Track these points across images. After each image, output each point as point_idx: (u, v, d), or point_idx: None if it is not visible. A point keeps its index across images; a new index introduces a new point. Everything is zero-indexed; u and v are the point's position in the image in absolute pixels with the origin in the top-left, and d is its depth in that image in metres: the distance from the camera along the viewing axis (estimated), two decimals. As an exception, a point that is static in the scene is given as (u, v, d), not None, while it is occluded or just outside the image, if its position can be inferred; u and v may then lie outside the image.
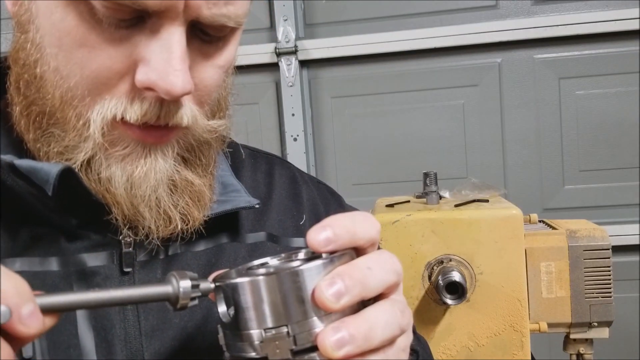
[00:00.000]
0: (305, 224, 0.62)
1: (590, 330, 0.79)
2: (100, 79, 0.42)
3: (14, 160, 0.43)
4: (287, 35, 1.78)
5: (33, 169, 0.43)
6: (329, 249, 0.36)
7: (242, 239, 0.55)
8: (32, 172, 0.43)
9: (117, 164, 0.45)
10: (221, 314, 0.36)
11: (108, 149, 0.44)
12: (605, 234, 0.79)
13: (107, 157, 0.44)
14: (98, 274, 0.47)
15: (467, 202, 0.81)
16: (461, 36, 1.73)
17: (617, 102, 1.73)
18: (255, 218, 0.57)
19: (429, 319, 0.78)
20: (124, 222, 0.46)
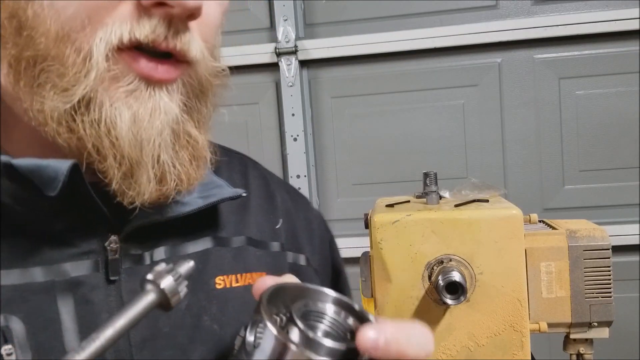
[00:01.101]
0: (281, 228, 0.60)
1: (590, 330, 0.79)
2: (100, 2, 0.39)
3: (11, 161, 0.39)
4: (287, 35, 1.78)
5: (37, 168, 0.40)
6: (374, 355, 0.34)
7: (227, 243, 0.53)
8: (36, 171, 0.40)
9: (120, 100, 0.40)
10: (247, 337, 0.35)
11: (110, 85, 0.40)
12: (605, 234, 0.78)
13: (110, 95, 0.40)
14: (84, 285, 0.44)
15: (467, 202, 0.81)
16: (461, 36, 1.73)
17: (617, 102, 1.73)
18: (236, 220, 0.55)
19: (429, 319, 0.78)
20: (118, 179, 0.42)
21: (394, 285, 0.77)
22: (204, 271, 0.51)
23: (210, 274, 0.51)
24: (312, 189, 1.85)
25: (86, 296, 0.44)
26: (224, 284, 0.51)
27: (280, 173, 1.86)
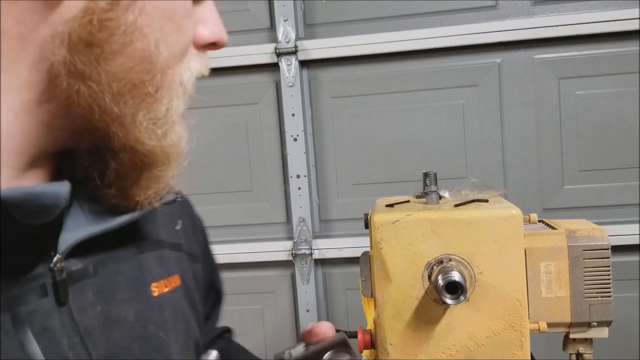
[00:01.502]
0: (180, 229, 0.61)
1: (590, 330, 0.79)
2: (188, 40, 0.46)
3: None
4: (287, 36, 1.78)
5: (28, 197, 0.38)
6: None
7: (149, 248, 0.53)
8: (26, 202, 0.37)
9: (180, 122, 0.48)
10: None
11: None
12: (604, 234, 0.78)
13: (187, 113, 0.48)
14: (37, 313, 0.41)
15: (467, 202, 0.81)
16: (461, 36, 1.73)
17: (617, 102, 1.73)
18: (149, 224, 0.55)
19: (429, 318, 0.78)
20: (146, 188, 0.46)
21: (394, 285, 0.77)
22: (142, 279, 0.51)
23: (147, 281, 0.51)
24: (312, 189, 1.85)
25: (42, 325, 0.42)
26: (158, 291, 0.52)
27: (280, 173, 1.87)
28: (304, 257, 1.85)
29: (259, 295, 1.93)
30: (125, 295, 0.48)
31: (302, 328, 1.87)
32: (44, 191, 0.38)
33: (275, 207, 1.90)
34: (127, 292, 0.48)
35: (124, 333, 0.46)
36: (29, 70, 0.39)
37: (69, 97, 0.40)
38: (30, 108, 0.40)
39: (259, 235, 1.90)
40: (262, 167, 1.86)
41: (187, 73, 0.46)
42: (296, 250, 1.85)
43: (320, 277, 1.90)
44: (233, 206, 1.90)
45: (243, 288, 1.92)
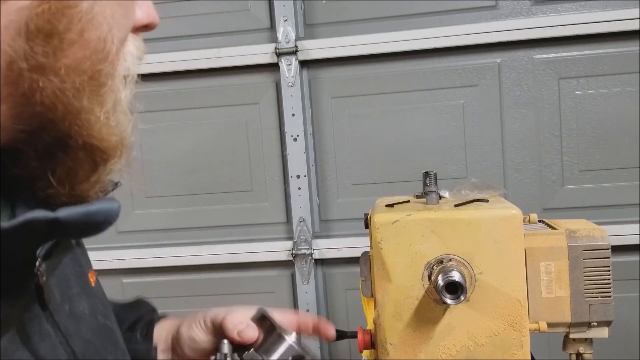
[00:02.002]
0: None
1: (590, 330, 0.79)
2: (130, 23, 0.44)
3: (57, 215, 0.36)
4: (287, 36, 1.78)
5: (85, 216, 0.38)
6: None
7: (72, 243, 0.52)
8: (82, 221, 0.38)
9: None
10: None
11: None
12: (604, 234, 0.79)
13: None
14: (33, 320, 0.41)
15: (467, 202, 0.81)
16: (461, 36, 1.73)
17: (617, 102, 1.73)
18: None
19: (429, 318, 0.78)
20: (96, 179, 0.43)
21: (394, 285, 0.77)
22: (81, 272, 0.51)
23: (85, 273, 0.52)
24: (312, 189, 1.85)
25: (40, 330, 0.42)
26: (92, 281, 0.53)
27: (280, 173, 1.87)
28: (304, 257, 1.85)
29: (259, 295, 1.93)
30: (76, 289, 0.48)
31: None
32: (99, 210, 0.39)
33: (275, 207, 1.90)
34: (77, 286, 0.48)
35: (86, 326, 0.47)
36: None
37: (28, 96, 0.38)
38: None
39: (259, 235, 1.90)
40: (262, 167, 1.86)
41: (130, 58, 0.45)
42: (296, 250, 1.85)
43: (320, 277, 1.90)
44: (233, 206, 1.90)
45: (243, 288, 1.92)
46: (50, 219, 0.36)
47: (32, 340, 0.40)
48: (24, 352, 0.39)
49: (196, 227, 1.91)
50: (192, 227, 1.91)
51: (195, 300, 1.93)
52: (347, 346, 1.87)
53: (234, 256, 1.88)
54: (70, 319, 0.45)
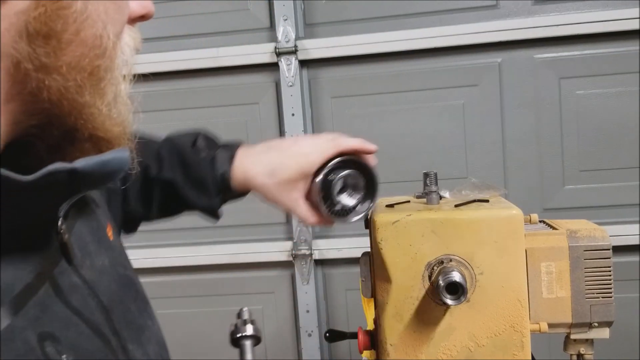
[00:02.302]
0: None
1: (591, 331, 0.79)
2: (124, 18, 0.45)
3: (75, 165, 0.39)
4: (287, 35, 1.78)
5: (101, 164, 0.41)
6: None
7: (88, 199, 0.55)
8: (97, 170, 0.41)
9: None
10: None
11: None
12: (605, 234, 0.78)
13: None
14: (63, 274, 0.44)
15: (467, 202, 0.81)
16: (461, 36, 1.73)
17: (617, 102, 1.73)
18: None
19: (429, 319, 0.77)
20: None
21: (394, 285, 0.77)
22: (99, 226, 0.54)
23: (103, 228, 0.55)
24: (312, 189, 1.85)
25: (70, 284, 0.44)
26: (111, 234, 0.56)
27: (280, 173, 1.86)
28: (304, 257, 1.85)
29: (259, 296, 1.93)
30: (94, 246, 0.50)
31: (302, 328, 1.87)
32: (112, 158, 0.42)
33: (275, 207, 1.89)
34: (95, 242, 0.51)
35: (109, 278, 0.50)
36: None
37: (36, 94, 0.40)
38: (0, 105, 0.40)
39: (259, 235, 1.90)
40: (262, 167, 1.85)
41: (127, 50, 0.46)
42: (296, 250, 1.85)
43: (320, 278, 1.90)
44: (233, 206, 1.90)
45: (243, 288, 1.92)
46: (69, 169, 0.39)
47: (64, 293, 0.43)
48: (58, 304, 0.42)
49: (196, 227, 1.91)
50: (192, 227, 1.90)
51: (195, 300, 1.93)
52: (347, 346, 1.87)
53: (234, 256, 1.88)
54: (94, 272, 0.48)
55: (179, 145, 0.79)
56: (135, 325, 0.52)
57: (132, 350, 0.49)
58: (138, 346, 0.51)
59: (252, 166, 0.78)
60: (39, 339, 0.39)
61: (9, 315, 0.37)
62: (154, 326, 0.56)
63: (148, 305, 0.57)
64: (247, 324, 0.64)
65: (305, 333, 1.87)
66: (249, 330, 0.57)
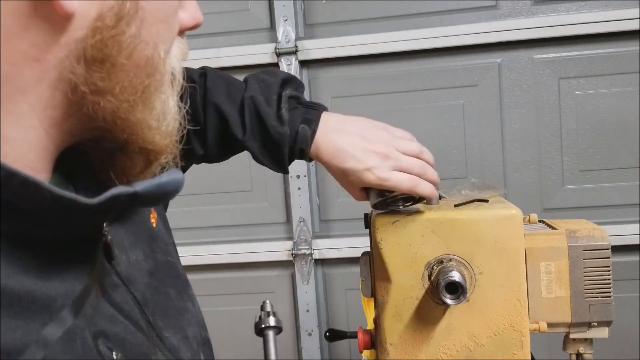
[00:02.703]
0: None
1: (590, 330, 0.79)
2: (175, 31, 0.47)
3: (136, 189, 0.41)
4: (287, 36, 1.78)
5: (157, 187, 0.43)
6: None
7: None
8: (154, 192, 0.43)
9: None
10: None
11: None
12: (605, 234, 0.79)
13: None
14: (106, 273, 0.46)
15: (467, 202, 0.81)
16: (461, 36, 1.73)
17: (617, 102, 1.73)
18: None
19: (429, 319, 0.78)
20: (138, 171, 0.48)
21: (394, 285, 0.77)
22: (141, 218, 0.55)
23: (146, 216, 0.56)
24: (312, 188, 1.85)
25: (112, 283, 0.47)
26: (154, 221, 0.57)
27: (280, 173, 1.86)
28: (304, 257, 1.85)
29: (259, 295, 1.92)
30: (130, 239, 0.52)
31: (302, 328, 1.87)
32: (168, 181, 0.44)
33: (275, 207, 1.90)
34: (131, 236, 0.52)
35: (141, 272, 0.51)
36: (51, 90, 0.40)
37: (91, 115, 0.42)
38: (57, 124, 0.42)
39: (259, 235, 1.90)
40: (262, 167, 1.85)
41: (175, 63, 0.48)
42: (296, 250, 1.85)
43: (320, 277, 1.90)
44: (233, 206, 1.90)
45: (243, 288, 1.92)
46: (131, 193, 0.41)
47: (108, 292, 0.45)
48: (104, 303, 0.45)
49: (196, 227, 1.91)
50: (192, 227, 1.91)
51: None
52: (347, 346, 1.88)
53: (234, 256, 1.88)
54: (128, 268, 0.49)
55: (264, 112, 0.78)
56: (175, 310, 0.55)
57: (168, 338, 0.51)
58: (176, 331, 0.53)
59: (326, 149, 0.79)
60: (93, 338, 0.41)
61: (71, 317, 0.40)
62: (194, 307, 0.59)
63: (189, 287, 0.60)
64: (270, 316, 0.69)
65: (305, 333, 1.87)
66: (272, 321, 0.64)
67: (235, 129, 0.78)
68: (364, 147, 0.76)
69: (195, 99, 0.77)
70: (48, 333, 0.37)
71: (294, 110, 0.78)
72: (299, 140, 0.78)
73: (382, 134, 0.77)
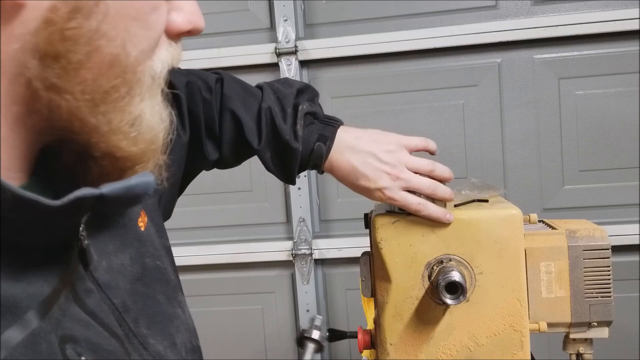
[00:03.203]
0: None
1: (590, 330, 0.79)
2: (158, 33, 0.44)
3: (102, 191, 0.40)
4: (287, 36, 1.78)
5: (126, 190, 0.41)
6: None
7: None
8: (124, 195, 0.41)
9: (163, 108, 0.46)
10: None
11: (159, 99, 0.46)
12: (605, 234, 0.79)
13: (159, 107, 0.46)
14: (80, 279, 0.45)
15: (467, 202, 0.81)
16: (461, 36, 1.73)
17: (617, 102, 1.73)
18: None
19: (429, 319, 0.78)
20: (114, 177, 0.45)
21: (394, 285, 0.77)
22: (128, 222, 0.53)
23: (134, 220, 0.55)
24: (312, 189, 1.85)
25: (85, 288, 0.45)
26: (143, 225, 0.56)
27: (280, 173, 1.87)
28: (304, 257, 1.85)
29: (259, 295, 1.93)
30: (115, 244, 0.50)
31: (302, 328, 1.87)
32: (137, 183, 0.42)
33: (275, 207, 1.90)
34: (116, 241, 0.51)
35: (126, 279, 0.50)
36: (10, 84, 0.39)
37: (49, 113, 0.40)
38: (21, 120, 0.40)
39: (259, 235, 1.90)
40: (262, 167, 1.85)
41: (158, 65, 0.45)
42: (296, 250, 1.85)
43: (320, 277, 1.90)
44: (233, 206, 1.90)
45: (243, 288, 1.92)
46: (97, 195, 0.39)
47: (80, 297, 0.44)
48: (75, 307, 0.44)
49: (196, 227, 1.91)
50: (192, 227, 1.91)
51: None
52: (347, 346, 1.88)
53: (234, 256, 1.88)
54: (108, 274, 0.48)
55: (279, 125, 0.78)
56: (164, 316, 0.53)
57: (154, 345, 0.50)
58: (163, 338, 0.52)
59: (340, 167, 0.80)
60: (60, 342, 0.40)
61: (37, 319, 0.39)
62: (184, 314, 0.57)
63: (179, 293, 0.58)
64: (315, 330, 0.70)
65: (305, 333, 1.87)
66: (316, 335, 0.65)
67: (251, 137, 0.78)
68: (376, 167, 0.77)
69: (212, 105, 0.77)
70: (10, 335, 0.37)
71: (310, 126, 0.80)
72: (313, 156, 0.79)
73: (394, 150, 0.80)
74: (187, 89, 0.75)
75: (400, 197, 0.76)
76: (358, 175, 0.78)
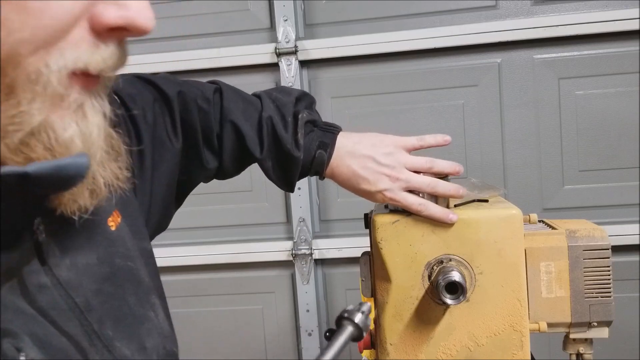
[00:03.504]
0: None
1: (590, 330, 0.79)
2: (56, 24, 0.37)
3: (26, 169, 0.36)
4: (287, 36, 1.78)
5: (57, 169, 0.38)
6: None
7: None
8: (54, 174, 0.38)
9: (71, 118, 0.40)
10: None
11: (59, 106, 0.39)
12: (605, 234, 0.79)
13: (62, 115, 0.39)
14: (32, 273, 0.43)
15: (467, 202, 0.81)
16: (461, 36, 1.73)
17: (617, 102, 1.73)
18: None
19: (429, 319, 0.78)
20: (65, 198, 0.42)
21: (394, 285, 0.77)
22: (97, 221, 0.51)
23: (103, 220, 0.52)
24: (312, 189, 1.85)
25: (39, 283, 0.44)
26: (114, 224, 0.54)
27: (280, 173, 1.87)
28: (304, 257, 1.85)
29: (259, 295, 1.93)
30: (83, 240, 0.49)
31: (302, 328, 1.87)
32: (70, 163, 0.38)
33: (275, 207, 1.90)
34: (81, 239, 0.49)
35: (92, 278, 0.48)
36: None
37: None
38: None
39: (259, 235, 1.90)
40: (262, 167, 1.86)
41: (55, 64, 0.37)
42: (296, 250, 1.85)
43: (320, 277, 1.90)
44: (233, 206, 1.91)
45: (243, 288, 1.92)
46: (20, 173, 0.36)
47: (30, 292, 0.43)
48: (22, 302, 0.42)
49: (196, 227, 1.91)
50: (192, 227, 1.91)
51: (195, 300, 1.93)
52: (347, 346, 1.87)
53: (234, 256, 1.88)
54: (72, 272, 0.47)
55: (280, 134, 0.77)
56: (133, 318, 0.51)
57: (119, 347, 0.48)
58: (130, 341, 0.50)
59: (341, 173, 0.81)
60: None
61: None
62: (157, 317, 0.55)
63: (152, 295, 0.56)
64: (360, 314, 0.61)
65: (305, 332, 1.87)
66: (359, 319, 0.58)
67: (252, 147, 0.78)
68: (375, 170, 0.78)
69: (209, 114, 0.76)
70: None
71: (310, 134, 0.80)
72: (315, 164, 0.80)
73: (393, 152, 0.81)
74: (180, 98, 0.74)
75: (401, 198, 0.77)
76: (359, 180, 0.79)
